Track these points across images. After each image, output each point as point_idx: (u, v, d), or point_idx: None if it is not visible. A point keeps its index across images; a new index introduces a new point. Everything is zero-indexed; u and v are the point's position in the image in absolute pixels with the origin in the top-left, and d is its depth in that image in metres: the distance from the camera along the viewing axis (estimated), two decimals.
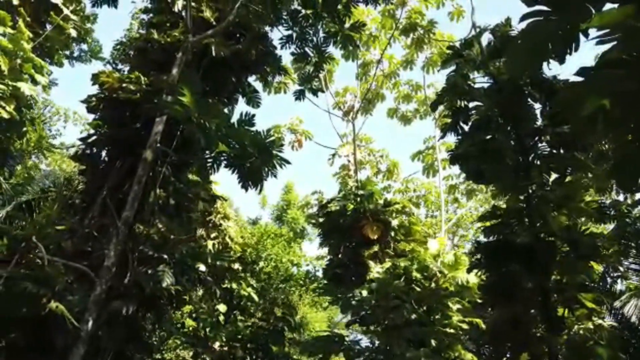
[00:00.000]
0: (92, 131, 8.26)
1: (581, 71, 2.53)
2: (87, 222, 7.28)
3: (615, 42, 2.07)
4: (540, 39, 2.67)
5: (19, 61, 8.97)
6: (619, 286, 13.49)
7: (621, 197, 15.22)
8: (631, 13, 1.92)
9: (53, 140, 15.94)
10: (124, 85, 7.70)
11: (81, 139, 8.19)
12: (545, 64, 2.81)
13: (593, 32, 2.59)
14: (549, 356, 7.64)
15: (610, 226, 11.86)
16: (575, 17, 2.60)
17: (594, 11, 2.57)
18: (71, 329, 5.81)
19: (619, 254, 9.82)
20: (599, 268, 8.76)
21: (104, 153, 8.26)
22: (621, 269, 12.09)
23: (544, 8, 2.70)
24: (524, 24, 2.54)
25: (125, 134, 7.79)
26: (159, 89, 7.79)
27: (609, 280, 13.41)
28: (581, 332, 8.13)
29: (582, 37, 2.66)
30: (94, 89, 8.14)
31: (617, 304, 9.75)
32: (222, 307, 10.61)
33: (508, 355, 10.29)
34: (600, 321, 8.00)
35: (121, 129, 7.82)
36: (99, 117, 8.10)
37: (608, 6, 2.59)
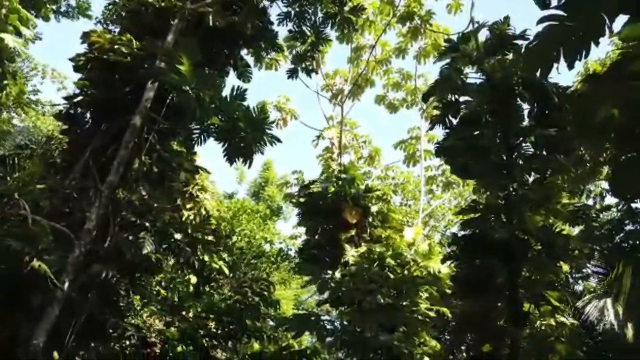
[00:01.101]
0: (77, 91, 8.02)
1: (591, 79, 2.62)
2: (68, 182, 7.13)
3: (636, 55, 2.16)
4: (553, 43, 2.73)
5: (4, 11, 8.60)
6: (579, 287, 14.10)
7: (590, 202, 15.81)
8: None
9: (32, 96, 15.41)
10: (116, 47, 7.49)
11: (66, 98, 7.95)
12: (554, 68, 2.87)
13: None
14: (510, 349, 7.95)
15: (577, 228, 12.35)
16: (590, 25, 2.67)
17: (607, 21, 2.65)
18: (47, 289, 5.75)
19: (586, 256, 10.25)
20: (566, 268, 9.11)
21: (88, 114, 8.06)
22: (586, 270, 12.61)
23: (560, 13, 2.76)
24: (523, 25, 2.60)
25: (113, 97, 7.60)
26: (152, 54, 7.62)
27: (571, 280, 14.00)
28: (543, 327, 8.51)
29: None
30: (82, 48, 7.90)
31: (579, 303, 10.19)
32: (193, 279, 10.63)
33: (471, 344, 10.69)
34: (562, 319, 8.37)
35: (109, 91, 7.62)
36: (86, 77, 7.86)
37: (621, 17, 2.68)
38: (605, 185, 14.39)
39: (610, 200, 14.85)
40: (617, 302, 10.02)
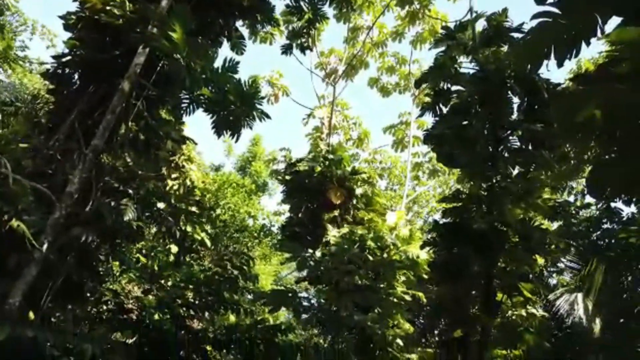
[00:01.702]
0: (66, 50, 7.83)
1: (578, 79, 2.65)
2: (52, 143, 7.03)
3: (621, 58, 2.19)
4: (546, 40, 2.75)
5: None
6: (553, 280, 14.45)
7: (571, 199, 16.10)
8: None
9: (20, 52, 15.02)
10: (108, 8, 7.30)
11: (54, 57, 7.76)
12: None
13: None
14: (481, 335, 8.18)
15: (556, 224, 12.60)
16: (582, 25, 2.69)
17: (600, 21, 2.68)
18: (25, 249, 5.72)
19: (562, 251, 10.48)
20: (541, 261, 9.31)
21: (76, 75, 7.90)
22: (561, 265, 12.91)
23: (555, 10, 2.78)
24: (520, 17, 2.62)
25: (102, 60, 7.44)
26: (144, 19, 7.45)
27: (545, 273, 14.33)
28: (514, 317, 8.74)
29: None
30: (74, 6, 7.69)
31: (551, 296, 10.46)
32: (173, 248, 10.64)
33: (443, 329, 10.96)
34: (533, 310, 8.60)
35: (99, 53, 7.46)
36: (76, 37, 7.67)
37: (614, 19, 2.70)
38: None
39: (590, 198, 15.13)
40: (588, 297, 10.31)
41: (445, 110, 8.69)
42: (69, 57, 7.69)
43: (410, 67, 20.24)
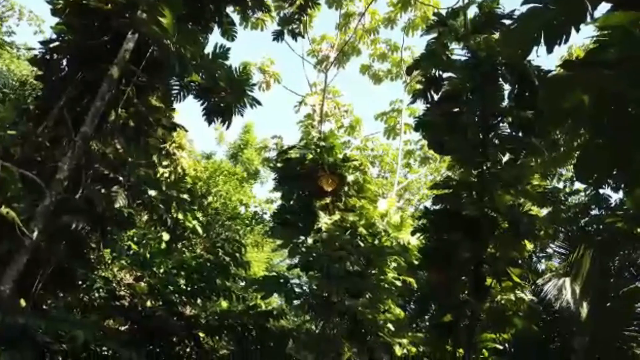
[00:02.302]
0: (54, 36, 7.73)
1: (566, 64, 2.67)
2: (41, 130, 6.96)
3: (610, 44, 2.21)
4: (535, 26, 2.76)
5: None
6: (542, 266, 14.66)
7: (561, 185, 16.28)
8: (634, 19, 2.04)
9: (6, 38, 14.77)
10: None
11: (42, 43, 7.66)
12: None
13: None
14: (470, 320, 8.30)
15: (545, 210, 12.75)
16: (572, 10, 2.70)
17: (589, 7, 2.69)
18: (15, 236, 5.69)
19: (551, 236, 10.63)
20: (530, 247, 9.44)
21: (65, 61, 7.80)
22: (549, 250, 13.10)
23: None
24: (512, 4, 2.61)
25: (91, 46, 7.35)
26: (133, 4, 7.36)
27: (534, 259, 14.53)
28: (503, 302, 8.85)
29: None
30: None
31: (539, 281, 10.62)
32: (165, 236, 10.63)
33: (433, 314, 11.10)
34: (522, 295, 8.71)
35: (87, 39, 7.37)
36: (64, 22, 7.56)
37: (604, 5, 2.71)
38: None
39: (579, 185, 15.31)
40: (575, 282, 10.48)
41: (436, 97, 8.71)
42: (57, 43, 7.59)
43: (402, 54, 20.19)
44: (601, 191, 13.26)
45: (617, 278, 11.51)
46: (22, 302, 5.89)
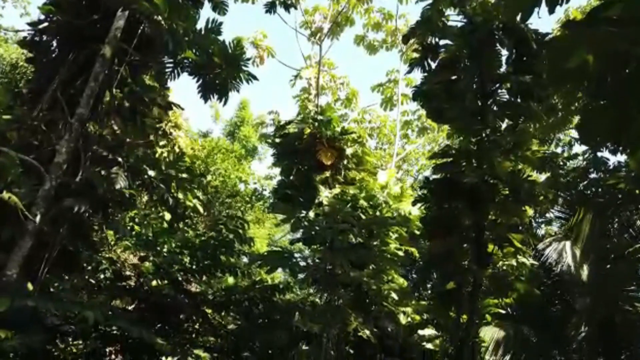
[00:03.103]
0: (42, 17, 7.57)
1: (568, 24, 2.62)
2: (36, 114, 6.89)
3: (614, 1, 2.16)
4: None
5: None
6: (542, 231, 14.79)
7: (559, 150, 16.28)
8: None
9: None
10: None
11: (30, 24, 7.51)
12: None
13: None
14: (473, 286, 8.41)
15: (544, 175, 12.79)
16: None
17: None
18: (18, 222, 5.70)
19: (550, 201, 10.67)
20: (530, 212, 9.48)
21: (55, 42, 7.66)
22: (549, 215, 13.19)
23: None
24: None
25: (80, 25, 7.21)
26: None
27: (534, 224, 14.65)
28: (505, 267, 8.95)
29: None
30: None
31: (540, 246, 10.72)
32: (166, 215, 10.66)
33: (436, 282, 11.24)
34: (523, 260, 8.80)
35: (76, 18, 7.22)
36: (51, 2, 7.41)
37: None
38: (574, 134, 14.76)
39: (577, 148, 15.31)
40: (576, 245, 10.58)
41: (433, 65, 8.61)
42: (45, 24, 7.44)
43: (396, 22, 19.88)
44: (599, 154, 13.27)
45: (617, 240, 11.62)
46: (30, 286, 5.94)
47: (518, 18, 2.81)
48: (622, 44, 2.16)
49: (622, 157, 12.36)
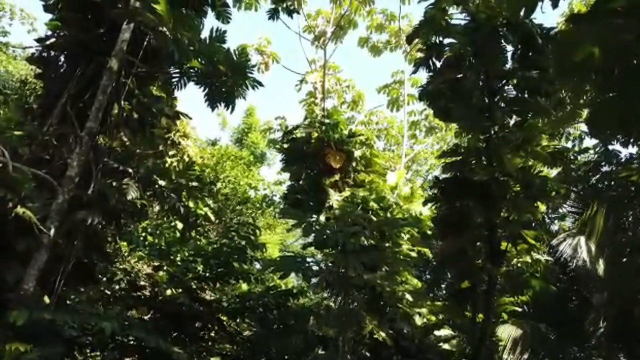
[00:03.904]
0: (49, 32, 7.68)
1: (573, 18, 2.60)
2: (46, 129, 6.98)
3: None
4: None
5: None
6: (555, 226, 14.63)
7: (569, 144, 16.11)
8: None
9: (1, 38, 14.70)
10: None
11: (38, 40, 7.62)
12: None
13: None
14: (488, 284, 8.34)
15: (555, 170, 12.67)
16: None
17: None
18: (33, 235, 5.77)
19: (563, 196, 10.57)
20: (543, 208, 9.40)
21: (62, 57, 7.76)
22: (562, 210, 13.05)
23: None
24: None
25: (87, 39, 7.30)
26: None
27: (547, 220, 14.50)
28: (519, 264, 8.88)
29: None
30: None
31: (554, 241, 10.61)
32: (179, 225, 10.74)
33: (450, 282, 11.18)
34: (538, 256, 8.73)
35: (83, 33, 7.31)
36: (58, 18, 7.51)
37: None
38: (584, 127, 14.61)
39: (588, 142, 15.14)
40: (590, 239, 10.47)
41: (438, 64, 8.58)
42: (52, 40, 7.55)
43: (399, 23, 19.85)
44: (610, 147, 13.11)
45: (632, 233, 11.47)
46: (46, 299, 6.00)
47: (521, 14, 2.79)
48: (626, 35, 2.15)
49: (634, 149, 12.21)
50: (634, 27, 2.11)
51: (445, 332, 9.93)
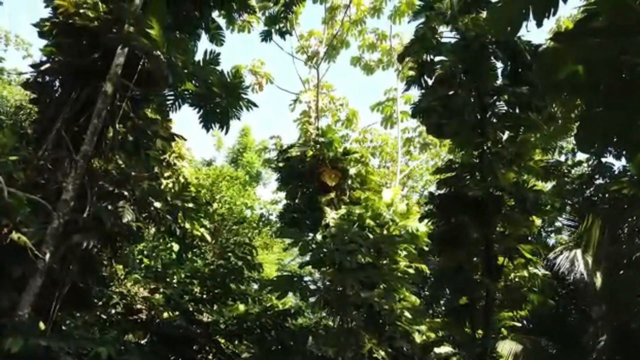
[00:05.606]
0: (44, 58, 7.75)
1: (556, 37, 2.67)
2: (41, 153, 7.00)
3: (599, 12, 2.21)
4: (523, 0, 2.76)
5: None
6: (552, 240, 14.67)
7: (562, 158, 16.24)
8: None
9: None
10: (81, 11, 7.19)
11: (32, 66, 7.68)
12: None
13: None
14: (486, 300, 8.32)
15: (549, 184, 12.76)
16: None
17: None
18: (28, 261, 5.74)
19: (558, 210, 10.62)
20: (538, 222, 9.43)
21: (57, 82, 7.82)
22: (558, 224, 13.10)
23: None
24: None
25: (81, 64, 7.37)
26: (119, 18, 7.37)
27: (543, 234, 14.54)
28: (517, 279, 8.87)
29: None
30: (46, 13, 7.60)
31: (551, 255, 10.62)
32: (175, 246, 10.69)
33: (448, 298, 11.12)
34: (535, 270, 8.73)
35: (77, 58, 7.38)
36: (53, 43, 7.59)
37: None
38: None
39: (581, 156, 15.27)
40: (587, 252, 10.48)
41: (430, 82, 8.70)
42: (47, 65, 7.60)
43: (391, 42, 20.13)
44: (604, 160, 13.23)
45: (628, 244, 11.50)
46: (42, 325, 5.94)
47: (507, 33, 2.86)
48: (609, 53, 2.21)
49: (626, 162, 12.31)
50: (615, 45, 2.18)
51: (445, 349, 9.84)
